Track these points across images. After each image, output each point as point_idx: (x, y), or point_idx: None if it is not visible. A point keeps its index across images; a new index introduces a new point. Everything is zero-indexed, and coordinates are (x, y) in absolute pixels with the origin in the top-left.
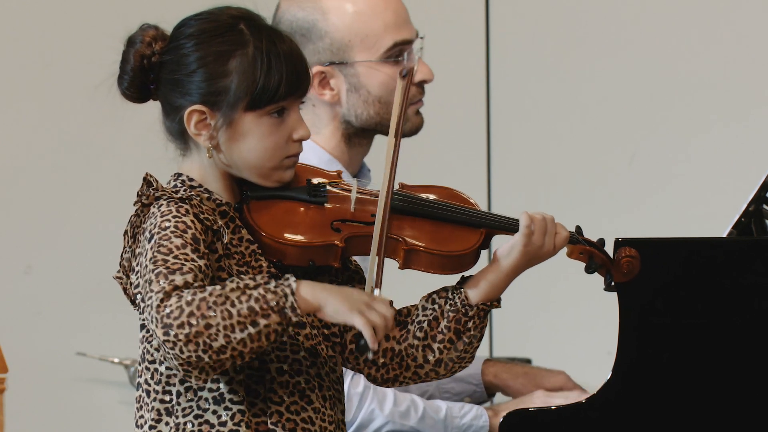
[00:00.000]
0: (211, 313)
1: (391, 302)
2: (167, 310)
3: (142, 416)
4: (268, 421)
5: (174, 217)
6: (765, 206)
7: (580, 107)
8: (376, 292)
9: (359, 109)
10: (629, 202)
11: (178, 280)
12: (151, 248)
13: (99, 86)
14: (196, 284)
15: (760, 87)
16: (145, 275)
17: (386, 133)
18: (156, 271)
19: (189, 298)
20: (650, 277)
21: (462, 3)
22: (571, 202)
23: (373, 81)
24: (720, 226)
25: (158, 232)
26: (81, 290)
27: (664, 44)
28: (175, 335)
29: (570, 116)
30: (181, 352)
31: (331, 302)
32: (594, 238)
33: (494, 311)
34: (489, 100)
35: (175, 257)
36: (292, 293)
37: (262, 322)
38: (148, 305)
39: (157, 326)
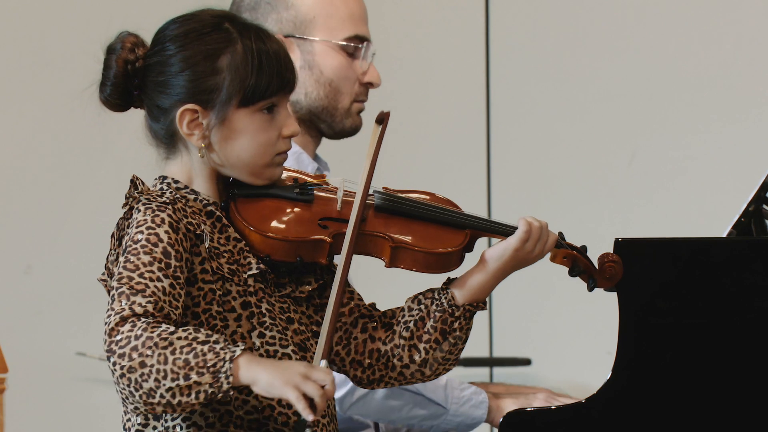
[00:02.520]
0: (149, 353)
1: (331, 371)
2: (117, 337)
3: (129, 419)
4: (260, 417)
5: (148, 228)
6: (765, 206)
7: (580, 107)
8: (322, 363)
9: (310, 87)
10: (629, 202)
11: (138, 306)
12: (123, 260)
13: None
14: (155, 313)
15: (760, 87)
16: (114, 285)
17: (329, 128)
18: (119, 290)
19: (139, 332)
20: (650, 277)
21: (462, 3)
22: (571, 202)
23: (327, 62)
24: (720, 226)
25: (131, 246)
26: (81, 290)
27: (664, 44)
28: (114, 363)
29: (570, 116)
30: (117, 382)
31: (265, 377)
32: (593, 238)
33: (495, 311)
34: (489, 101)
35: (141, 275)
36: (231, 360)
37: (194, 378)
38: (106, 322)
39: (105, 345)
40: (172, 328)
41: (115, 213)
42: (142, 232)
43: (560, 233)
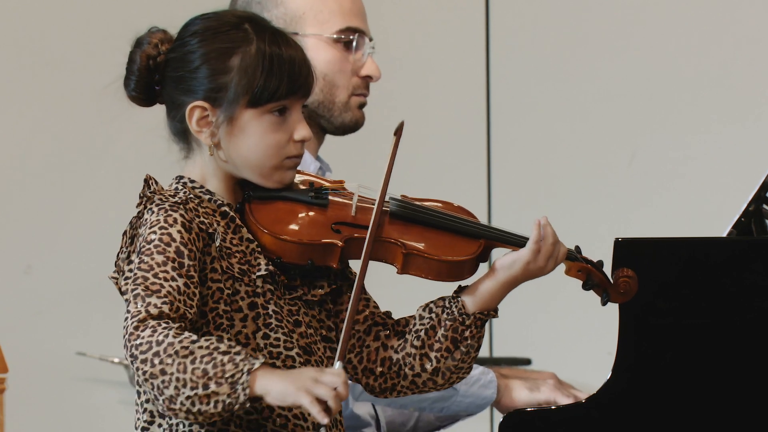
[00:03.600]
0: (169, 361)
1: (343, 373)
2: (138, 341)
3: (139, 418)
4: (259, 418)
5: (161, 228)
6: (765, 206)
7: (580, 107)
8: (337, 365)
9: None
10: (629, 202)
11: (153, 308)
12: (137, 261)
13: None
14: (171, 314)
15: (760, 87)
16: (128, 286)
17: (329, 123)
18: (135, 292)
19: (161, 337)
20: (650, 277)
21: (462, 3)
22: (571, 202)
23: (319, 56)
24: (720, 226)
25: (145, 246)
26: (81, 290)
27: (664, 44)
28: (137, 368)
29: (570, 116)
30: (141, 385)
31: (277, 387)
32: (593, 238)
33: None
34: (489, 100)
35: (155, 275)
36: (249, 372)
37: (212, 387)
38: (124, 325)
39: (126, 350)
40: (194, 337)
41: (115, 212)
42: (155, 233)
43: (577, 246)
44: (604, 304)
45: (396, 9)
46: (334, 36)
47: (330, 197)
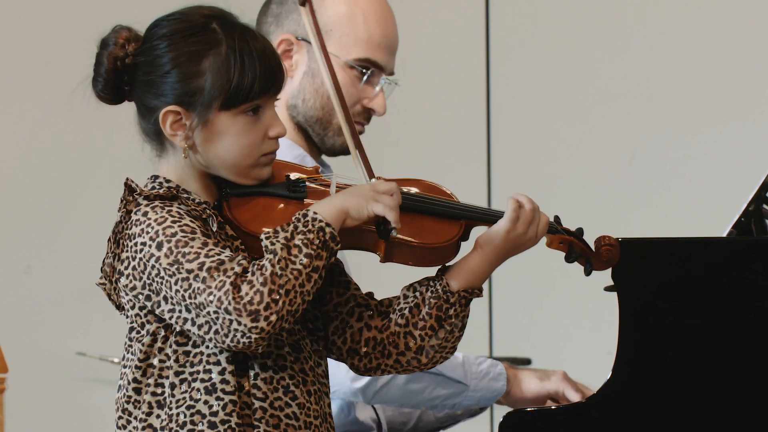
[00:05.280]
0: (285, 280)
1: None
2: (247, 298)
3: (121, 417)
4: (252, 417)
5: (174, 222)
6: (765, 206)
7: (580, 107)
8: (374, 180)
9: (308, 95)
10: (629, 202)
11: (235, 267)
12: (168, 256)
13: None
14: (249, 266)
15: (760, 87)
16: (186, 279)
17: (321, 142)
18: (206, 267)
19: (261, 279)
20: (650, 277)
21: (462, 3)
22: (571, 202)
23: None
24: (720, 226)
25: (168, 240)
26: (81, 290)
27: (664, 44)
28: (266, 317)
29: (570, 116)
30: (268, 333)
31: (350, 206)
32: (594, 238)
33: (495, 311)
34: (489, 100)
35: (207, 255)
36: (327, 224)
37: (320, 264)
38: (211, 300)
39: (240, 316)
40: (269, 254)
41: (115, 212)
42: (171, 227)
43: (556, 217)
44: (587, 274)
45: (396, 9)
46: (350, 62)
47: (308, 185)
